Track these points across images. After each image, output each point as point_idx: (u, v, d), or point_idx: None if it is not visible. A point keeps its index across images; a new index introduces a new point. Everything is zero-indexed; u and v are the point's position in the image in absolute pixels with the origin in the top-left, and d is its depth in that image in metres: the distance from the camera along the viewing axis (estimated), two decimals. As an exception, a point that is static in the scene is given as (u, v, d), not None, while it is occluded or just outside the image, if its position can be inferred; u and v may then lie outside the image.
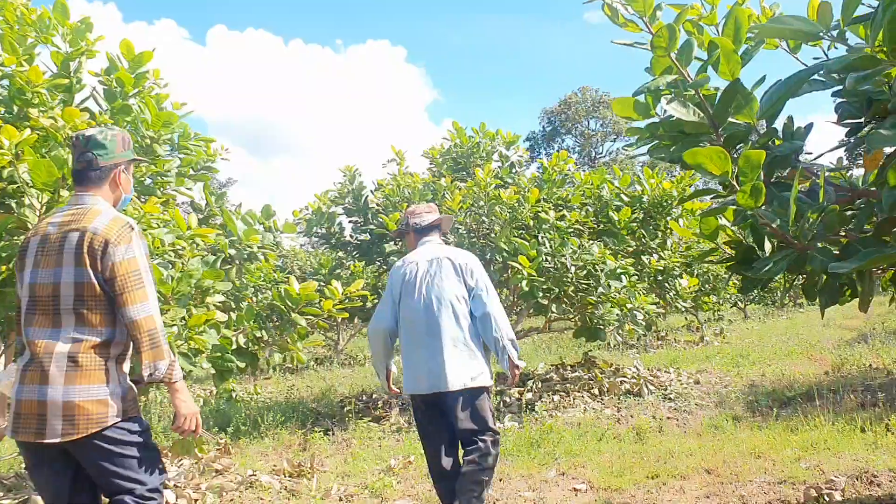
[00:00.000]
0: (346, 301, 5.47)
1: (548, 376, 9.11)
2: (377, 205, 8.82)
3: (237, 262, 5.34)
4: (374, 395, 8.93)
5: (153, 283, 2.75)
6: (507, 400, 8.10)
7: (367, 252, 8.95)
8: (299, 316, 5.08)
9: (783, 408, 7.06)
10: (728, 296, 16.44)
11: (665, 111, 2.77)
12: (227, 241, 5.09)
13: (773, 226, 2.06)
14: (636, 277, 8.04)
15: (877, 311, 21.76)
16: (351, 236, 9.37)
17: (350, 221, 9.40)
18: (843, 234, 2.25)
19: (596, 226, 8.57)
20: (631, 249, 8.94)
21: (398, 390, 4.31)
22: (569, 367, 9.57)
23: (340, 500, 4.84)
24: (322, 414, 8.20)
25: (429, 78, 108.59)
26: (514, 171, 9.01)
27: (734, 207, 2.89)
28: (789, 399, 7.42)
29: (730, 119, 2.48)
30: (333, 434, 7.04)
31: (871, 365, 8.95)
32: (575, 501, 4.57)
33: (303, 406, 8.58)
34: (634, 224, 8.69)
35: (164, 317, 3.82)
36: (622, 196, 9.13)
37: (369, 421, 7.19)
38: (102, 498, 2.79)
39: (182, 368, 3.71)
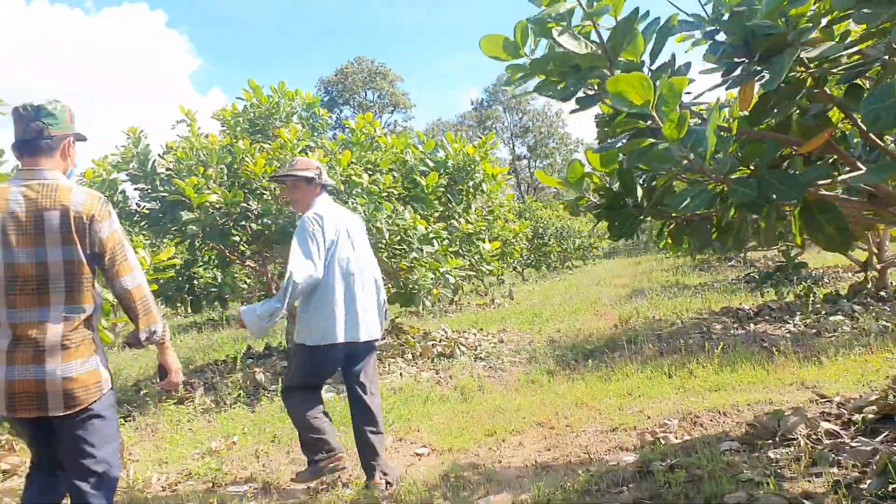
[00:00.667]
0: (155, 272, 4.92)
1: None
2: (168, 169, 8.06)
3: None
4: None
5: (133, 253, 2.87)
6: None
7: (158, 221, 8.15)
8: (104, 289, 4.46)
9: (587, 359, 7.43)
10: (512, 261, 17.18)
11: (533, 50, 2.66)
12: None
13: (690, 158, 2.01)
14: (447, 242, 8.05)
15: (640, 268, 23.96)
16: (137, 205, 8.51)
17: (136, 189, 8.51)
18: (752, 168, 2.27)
19: (404, 191, 8.45)
20: (437, 214, 8.94)
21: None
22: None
23: (164, 489, 4.35)
24: (117, 400, 7.42)
25: (192, 45, 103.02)
26: (315, 133, 8.63)
27: (603, 153, 2.86)
28: (591, 351, 7.83)
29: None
30: (134, 420, 6.38)
31: (654, 317, 9.69)
32: (420, 465, 4.45)
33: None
34: (440, 189, 8.69)
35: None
36: (427, 161, 9.10)
37: (174, 403, 6.59)
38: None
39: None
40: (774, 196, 2.09)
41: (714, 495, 3.25)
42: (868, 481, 3.03)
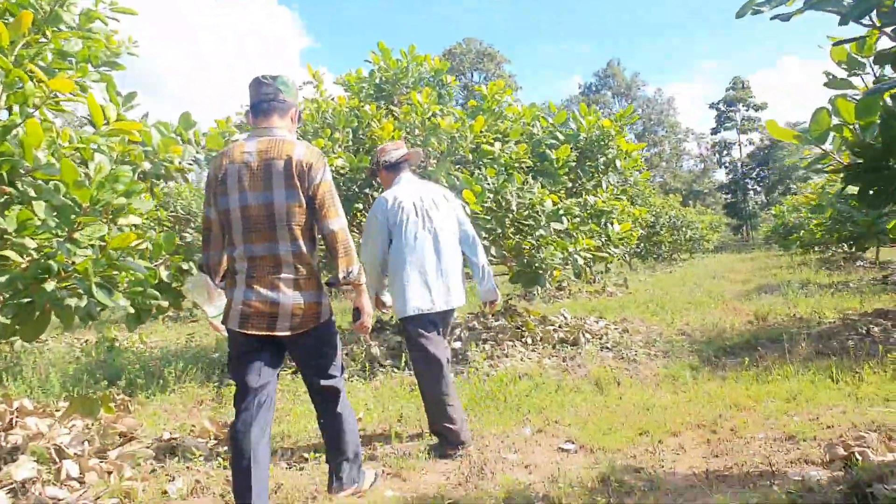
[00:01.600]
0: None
1: (471, 324, 8.52)
2: (298, 128, 7.81)
3: (151, 179, 4.34)
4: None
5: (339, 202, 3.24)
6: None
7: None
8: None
9: (728, 357, 6.77)
10: (627, 248, 16.39)
11: None
12: (140, 152, 4.08)
13: None
14: (578, 219, 7.49)
15: (755, 264, 22.71)
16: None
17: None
18: None
19: (532, 165, 7.92)
20: (564, 191, 8.39)
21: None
22: (490, 316, 9.01)
23: (290, 467, 4.02)
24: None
25: (302, 22, 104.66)
26: (443, 101, 8.20)
27: (863, 101, 2.28)
28: (731, 348, 7.15)
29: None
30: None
31: (795, 314, 8.87)
32: (569, 463, 3.95)
33: (204, 356, 7.59)
34: (571, 164, 8.13)
35: (80, 234, 2.86)
36: (557, 133, 8.55)
37: (291, 373, 6.31)
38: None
39: (98, 304, 2.84)
40: None
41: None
42: None
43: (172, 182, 4.78)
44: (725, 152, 67.82)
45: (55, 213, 2.71)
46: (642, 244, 23.90)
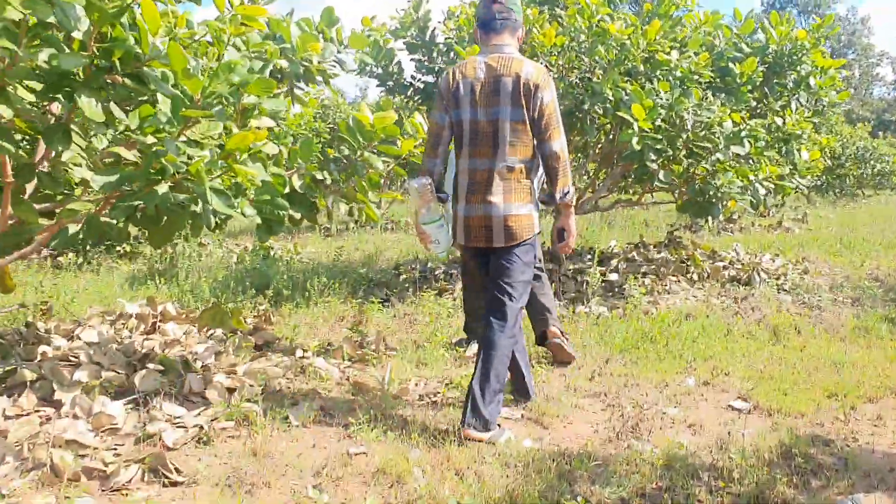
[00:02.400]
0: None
1: (629, 255, 7.88)
2: (448, 38, 7.30)
3: (290, 80, 4.01)
4: (428, 265, 7.75)
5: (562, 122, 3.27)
6: (588, 279, 6.89)
7: (433, 96, 7.50)
8: (374, 156, 3.77)
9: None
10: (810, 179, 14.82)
11: None
12: (276, 49, 3.74)
13: None
14: (763, 144, 6.58)
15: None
16: (413, 76, 7.90)
17: (412, 59, 7.89)
18: None
19: (711, 79, 7.01)
20: (747, 111, 7.43)
21: None
22: (652, 247, 8.30)
23: (422, 400, 3.70)
24: (374, 281, 7.05)
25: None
26: (613, 4, 7.37)
27: None
28: (939, 301, 6.15)
29: None
30: (392, 306, 5.90)
31: None
32: (743, 426, 3.34)
33: (351, 271, 7.44)
34: (757, 80, 7.15)
35: (190, 132, 2.54)
36: (742, 45, 7.54)
37: (435, 294, 6.00)
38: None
39: (215, 212, 2.53)
40: None
41: None
42: None
43: (327, 91, 4.45)
44: (925, 79, 60.73)
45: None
46: (824, 176, 21.76)
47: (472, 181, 3.23)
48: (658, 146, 5.87)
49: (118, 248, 8.65)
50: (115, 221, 2.66)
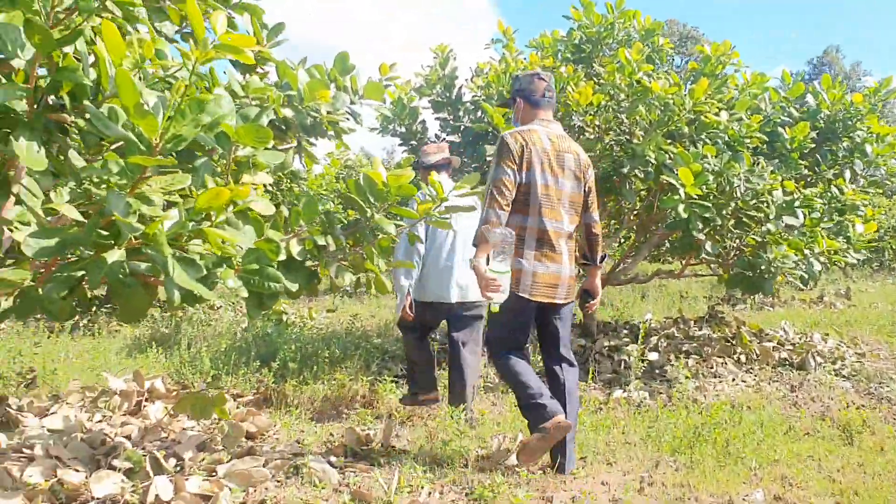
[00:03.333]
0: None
1: (669, 332, 7.25)
2: (475, 96, 6.87)
3: (296, 132, 3.53)
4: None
5: None
6: (626, 359, 6.27)
7: (458, 156, 7.05)
8: (385, 219, 3.24)
9: None
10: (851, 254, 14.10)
11: None
12: (280, 95, 3.27)
13: None
14: (817, 215, 6.01)
15: None
16: (436, 136, 7.46)
17: (437, 118, 7.47)
18: None
19: (757, 144, 6.48)
20: (799, 179, 6.88)
21: None
22: (692, 323, 7.67)
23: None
24: (390, 353, 6.48)
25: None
26: (656, 64, 6.93)
27: None
28: None
29: None
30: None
31: None
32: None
33: (365, 341, 6.88)
34: (809, 146, 6.62)
35: (144, 186, 2.03)
36: (790, 110, 7.04)
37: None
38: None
39: (179, 288, 2.02)
40: None
41: None
42: None
43: (351, 155, 3.96)
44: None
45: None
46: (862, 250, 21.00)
47: (540, 240, 3.50)
48: (707, 214, 5.31)
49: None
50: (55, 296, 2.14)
